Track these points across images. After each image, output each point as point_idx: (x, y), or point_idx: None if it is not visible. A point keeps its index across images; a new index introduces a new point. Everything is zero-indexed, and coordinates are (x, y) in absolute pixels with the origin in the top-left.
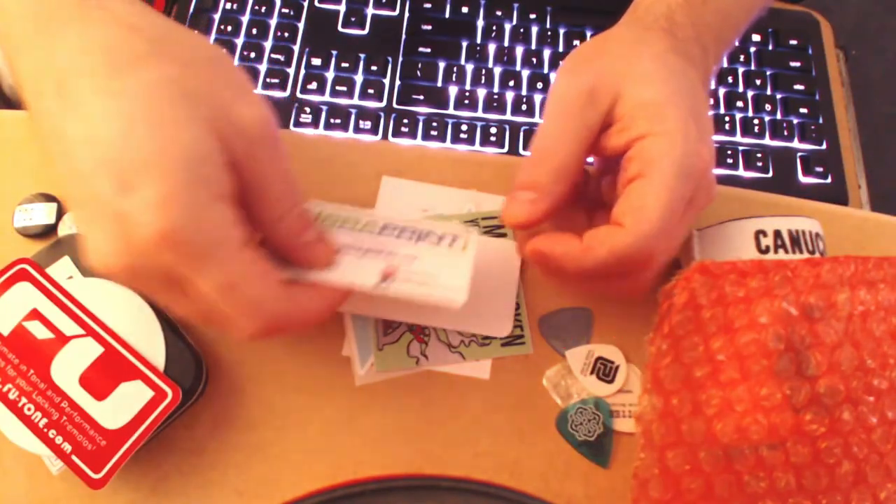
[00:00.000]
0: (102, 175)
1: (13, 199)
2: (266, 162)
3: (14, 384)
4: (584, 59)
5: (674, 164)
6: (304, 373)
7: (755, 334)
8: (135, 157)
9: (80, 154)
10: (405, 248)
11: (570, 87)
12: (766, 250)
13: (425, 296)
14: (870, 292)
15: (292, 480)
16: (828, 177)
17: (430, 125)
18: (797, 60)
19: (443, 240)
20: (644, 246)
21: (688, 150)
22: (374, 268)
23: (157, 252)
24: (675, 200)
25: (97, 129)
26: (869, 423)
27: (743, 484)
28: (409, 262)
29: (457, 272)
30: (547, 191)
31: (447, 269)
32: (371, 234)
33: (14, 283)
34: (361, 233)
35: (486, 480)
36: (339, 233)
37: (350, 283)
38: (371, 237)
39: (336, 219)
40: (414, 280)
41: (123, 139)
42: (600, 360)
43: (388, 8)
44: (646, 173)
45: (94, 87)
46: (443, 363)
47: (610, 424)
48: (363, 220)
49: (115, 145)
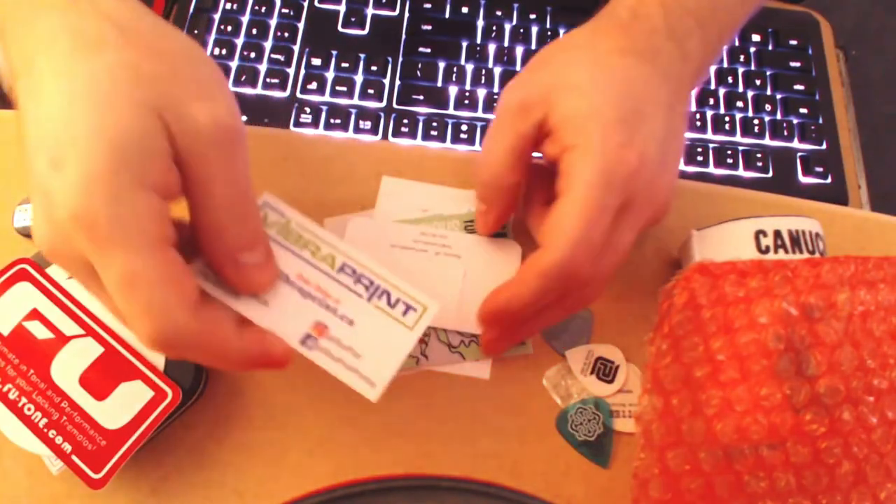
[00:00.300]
0: (40, 152)
1: (13, 199)
2: (213, 166)
3: (14, 384)
4: (527, 71)
5: (591, 175)
6: (305, 373)
7: (755, 334)
8: (67, 136)
9: (29, 132)
10: (350, 303)
11: (505, 100)
12: (766, 250)
13: (340, 377)
14: (870, 292)
15: (292, 480)
16: (828, 177)
17: (430, 125)
18: (797, 60)
19: (396, 305)
20: (568, 261)
21: (607, 158)
22: (307, 319)
23: (71, 233)
24: (593, 211)
25: (43, 108)
26: (869, 423)
27: (743, 484)
28: (344, 327)
29: (387, 359)
30: (489, 201)
31: (378, 350)
32: (325, 270)
33: (14, 283)
34: (316, 265)
35: (486, 480)
36: (291, 258)
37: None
38: (322, 276)
39: (298, 237)
40: (334, 354)
41: (61, 118)
42: (600, 360)
43: (388, 8)
44: (565, 189)
45: (53, 68)
46: (443, 363)
47: (610, 424)
48: (324, 250)
49: (53, 124)
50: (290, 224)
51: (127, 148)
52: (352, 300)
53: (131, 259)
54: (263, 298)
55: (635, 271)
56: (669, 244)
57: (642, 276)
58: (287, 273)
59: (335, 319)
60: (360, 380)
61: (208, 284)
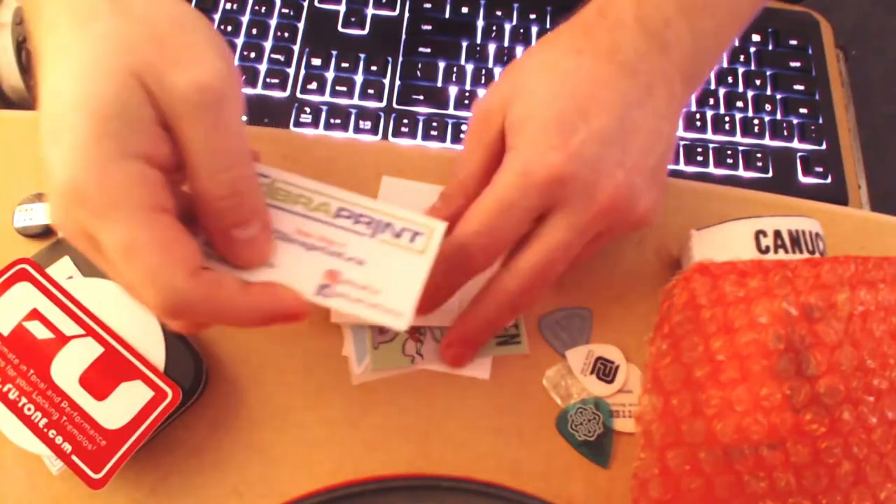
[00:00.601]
0: (43, 127)
1: (13, 199)
2: (197, 131)
3: (14, 384)
4: (497, 80)
5: (507, 176)
6: (304, 373)
7: (755, 334)
8: (59, 110)
9: (40, 107)
10: (356, 244)
11: (473, 110)
12: (766, 250)
13: (364, 316)
14: (870, 292)
15: (292, 480)
16: (828, 177)
17: (430, 125)
18: (797, 60)
19: (402, 235)
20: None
21: (528, 160)
22: (317, 270)
23: (69, 205)
24: (500, 208)
25: (46, 84)
26: (869, 423)
27: (743, 484)
28: (356, 268)
29: (406, 288)
30: (447, 200)
31: (396, 281)
32: (322, 219)
33: (14, 283)
34: (312, 216)
35: (486, 480)
36: (286, 216)
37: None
38: (321, 225)
39: (287, 195)
40: (352, 296)
41: (55, 92)
42: (600, 360)
43: (388, 8)
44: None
45: (53, 44)
46: (438, 362)
47: (610, 424)
48: (316, 200)
49: (51, 98)
50: (276, 184)
51: (109, 118)
52: (356, 241)
53: (125, 228)
54: (270, 262)
55: (635, 271)
56: (669, 244)
57: (642, 276)
58: (286, 232)
59: (345, 263)
60: (385, 313)
61: (211, 261)
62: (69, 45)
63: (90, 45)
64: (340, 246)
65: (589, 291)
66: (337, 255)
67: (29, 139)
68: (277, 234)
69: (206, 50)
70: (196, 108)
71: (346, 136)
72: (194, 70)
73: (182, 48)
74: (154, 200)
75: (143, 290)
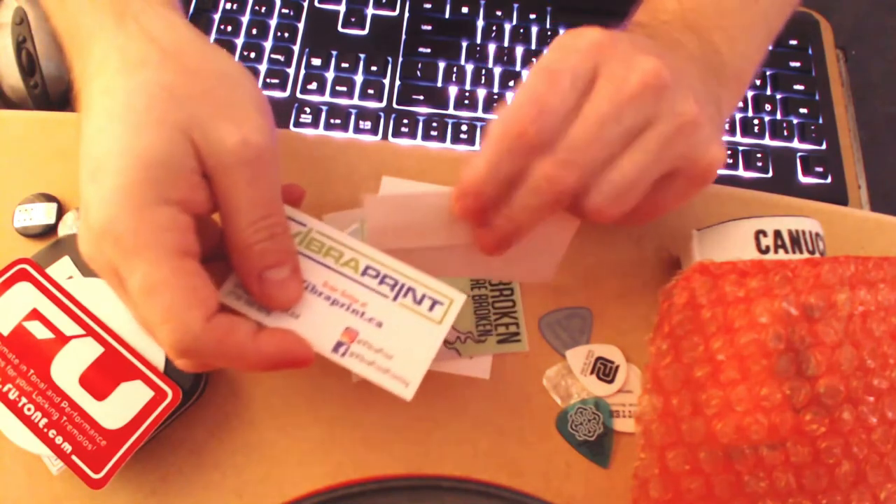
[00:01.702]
0: (84, 164)
1: (13, 199)
2: (239, 184)
3: (14, 384)
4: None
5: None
6: (304, 373)
7: (755, 334)
8: (103, 151)
9: (81, 145)
10: (377, 305)
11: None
12: (766, 250)
13: (374, 380)
14: (870, 292)
15: (292, 480)
16: (828, 177)
17: (430, 125)
18: (797, 60)
19: (422, 301)
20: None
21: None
22: (337, 327)
23: (101, 242)
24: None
25: (91, 123)
26: (869, 423)
27: (743, 484)
28: (374, 329)
29: (418, 356)
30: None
31: (410, 348)
32: (349, 275)
33: (14, 283)
34: (340, 270)
35: (486, 480)
36: (316, 267)
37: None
38: (347, 281)
39: (321, 246)
40: (366, 358)
41: (99, 133)
42: (600, 360)
43: (388, 8)
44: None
45: (101, 85)
46: (438, 359)
47: (610, 424)
48: (347, 255)
49: (94, 139)
50: (312, 233)
51: (153, 166)
52: (378, 301)
53: (151, 269)
54: (294, 311)
55: (635, 271)
56: (669, 244)
57: (642, 276)
58: (314, 283)
59: (364, 323)
60: (393, 380)
61: (240, 303)
62: (117, 89)
63: (139, 93)
64: (362, 305)
65: (589, 291)
66: (358, 314)
67: (29, 139)
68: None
69: (250, 107)
70: (240, 163)
71: (346, 136)
72: (240, 127)
73: (229, 105)
74: (182, 246)
75: (159, 328)
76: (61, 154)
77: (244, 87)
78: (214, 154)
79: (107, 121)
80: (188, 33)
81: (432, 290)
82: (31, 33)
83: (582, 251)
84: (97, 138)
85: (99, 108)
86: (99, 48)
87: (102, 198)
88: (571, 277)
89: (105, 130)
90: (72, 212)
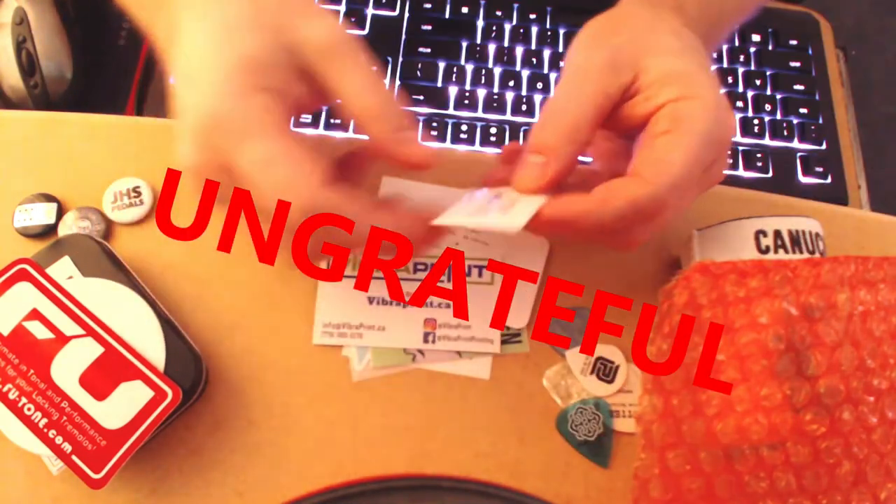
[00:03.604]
0: (181, 81)
1: (13, 199)
2: (339, 69)
3: (14, 384)
4: (601, 35)
5: (706, 125)
6: (304, 373)
7: (755, 334)
8: (199, 61)
9: (176, 74)
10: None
11: (590, 57)
12: (766, 250)
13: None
14: (870, 292)
15: (292, 480)
16: (828, 177)
17: (430, 125)
18: (797, 60)
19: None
20: (662, 196)
21: (719, 116)
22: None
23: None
24: (697, 160)
25: (185, 48)
26: (869, 423)
27: (743, 484)
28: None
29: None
30: (557, 153)
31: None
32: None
33: (14, 283)
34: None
35: (486, 480)
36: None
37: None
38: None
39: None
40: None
41: (197, 48)
42: (600, 360)
43: (388, 8)
44: (675, 130)
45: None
46: (439, 360)
47: (610, 424)
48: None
49: (190, 55)
50: (358, 257)
51: (248, 60)
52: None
53: (266, 143)
54: (380, 325)
55: (635, 271)
56: (669, 244)
57: (642, 276)
58: (381, 297)
59: (436, 310)
60: (479, 343)
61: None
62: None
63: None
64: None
65: (589, 291)
66: (428, 304)
67: (29, 139)
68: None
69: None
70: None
71: (346, 136)
72: (320, 23)
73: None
74: (284, 124)
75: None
76: (61, 154)
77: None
78: (308, 47)
79: (203, 38)
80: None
81: (472, 259)
82: (31, 33)
83: (582, 251)
84: (191, 52)
85: (192, 33)
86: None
87: (202, 92)
88: (571, 277)
89: (200, 45)
90: (72, 212)
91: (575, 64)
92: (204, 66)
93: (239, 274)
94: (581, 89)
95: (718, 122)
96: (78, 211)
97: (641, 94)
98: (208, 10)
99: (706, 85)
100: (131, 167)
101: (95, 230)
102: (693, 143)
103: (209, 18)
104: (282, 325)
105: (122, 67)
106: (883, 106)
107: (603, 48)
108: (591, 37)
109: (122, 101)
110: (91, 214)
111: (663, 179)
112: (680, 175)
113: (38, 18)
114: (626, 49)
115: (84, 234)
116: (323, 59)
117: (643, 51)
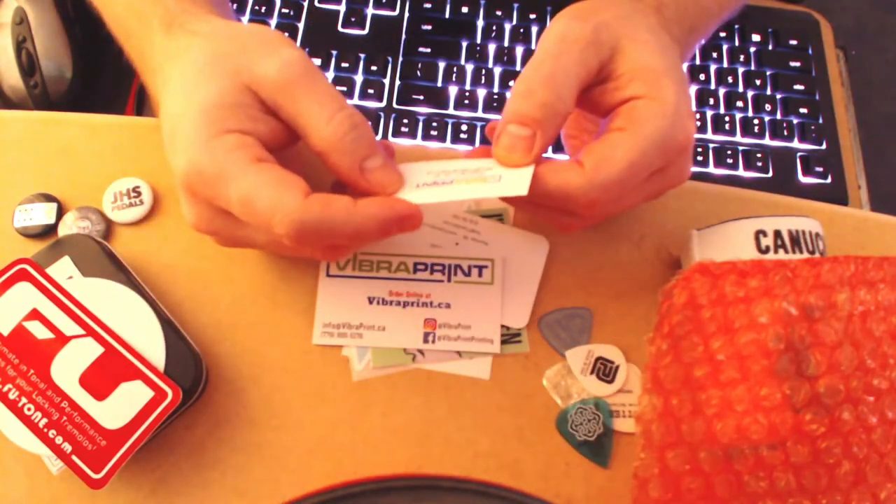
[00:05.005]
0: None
1: (13, 199)
2: (301, 99)
3: (14, 384)
4: (583, 12)
5: (657, 131)
6: (304, 373)
7: (755, 334)
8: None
9: (161, 121)
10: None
11: (572, 28)
12: (766, 250)
13: (465, 349)
14: (870, 292)
15: (292, 480)
16: (828, 177)
17: (430, 125)
18: (797, 60)
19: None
20: (591, 193)
21: (675, 123)
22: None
23: (195, 188)
24: (642, 163)
25: (165, 95)
26: (869, 423)
27: (743, 484)
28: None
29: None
30: (544, 126)
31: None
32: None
33: (14, 283)
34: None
35: (486, 480)
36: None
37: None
38: (407, 283)
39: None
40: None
41: (171, 97)
42: (600, 360)
43: (388, 8)
44: (627, 128)
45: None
46: (439, 360)
47: (610, 424)
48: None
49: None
50: (358, 256)
51: (211, 108)
52: (438, 288)
53: (238, 182)
54: (380, 325)
55: (635, 271)
56: (669, 244)
57: (642, 276)
58: (380, 296)
59: (436, 310)
60: (479, 343)
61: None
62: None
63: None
64: (427, 296)
65: (589, 291)
66: (428, 305)
67: (29, 139)
68: (374, 300)
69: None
70: (290, 81)
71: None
72: (276, 57)
73: (262, 48)
74: (254, 156)
75: (271, 222)
76: (61, 154)
77: (270, 34)
78: (266, 84)
79: (171, 100)
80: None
81: (473, 259)
82: (31, 33)
83: (582, 251)
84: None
85: (168, 76)
86: (158, 48)
87: (180, 149)
88: (571, 277)
89: (170, 107)
90: (72, 212)
91: (557, 32)
92: (177, 122)
93: (239, 274)
94: (565, 58)
95: (674, 128)
96: (78, 211)
97: (612, 83)
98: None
99: (671, 88)
100: (131, 167)
101: (95, 230)
102: (639, 145)
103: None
104: (282, 325)
105: (122, 67)
106: (883, 106)
107: (586, 21)
108: (573, 12)
109: (122, 101)
110: (91, 214)
111: (598, 177)
112: (618, 175)
113: (38, 18)
114: (609, 25)
115: (84, 234)
116: (279, 94)
117: (623, 32)
